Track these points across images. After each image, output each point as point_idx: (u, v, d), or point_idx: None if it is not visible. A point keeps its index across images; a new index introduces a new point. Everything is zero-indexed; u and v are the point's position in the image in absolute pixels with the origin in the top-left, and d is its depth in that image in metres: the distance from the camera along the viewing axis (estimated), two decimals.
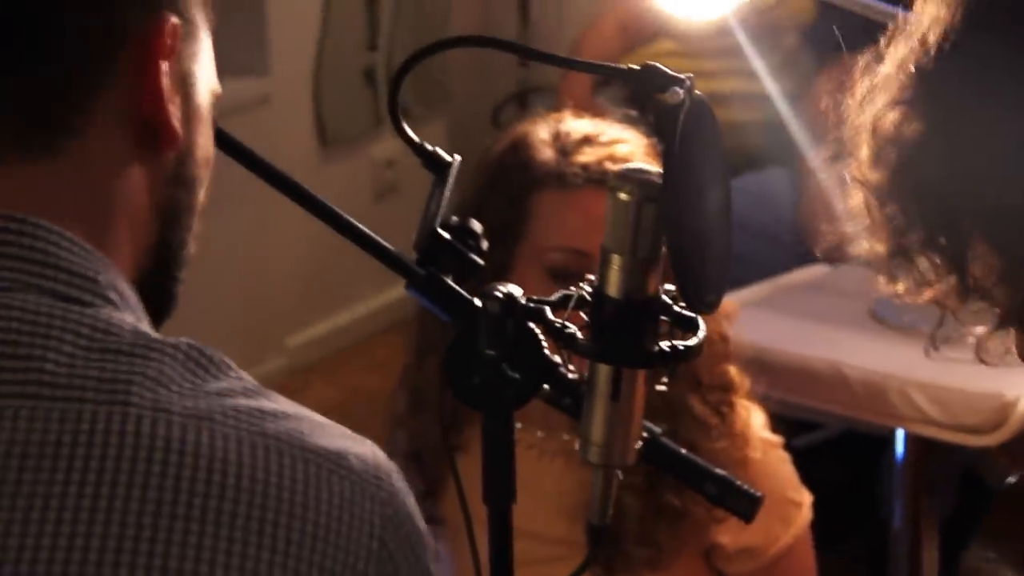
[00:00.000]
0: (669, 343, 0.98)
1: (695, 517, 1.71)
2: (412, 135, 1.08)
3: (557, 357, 1.04)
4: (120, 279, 0.83)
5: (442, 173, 1.09)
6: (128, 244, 0.85)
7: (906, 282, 1.03)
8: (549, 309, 1.01)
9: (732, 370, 1.76)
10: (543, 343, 1.03)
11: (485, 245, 1.08)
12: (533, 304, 1.01)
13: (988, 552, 0.94)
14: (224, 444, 0.76)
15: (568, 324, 0.99)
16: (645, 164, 0.98)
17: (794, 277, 2.85)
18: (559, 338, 1.00)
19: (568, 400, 1.05)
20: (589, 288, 0.99)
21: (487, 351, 1.02)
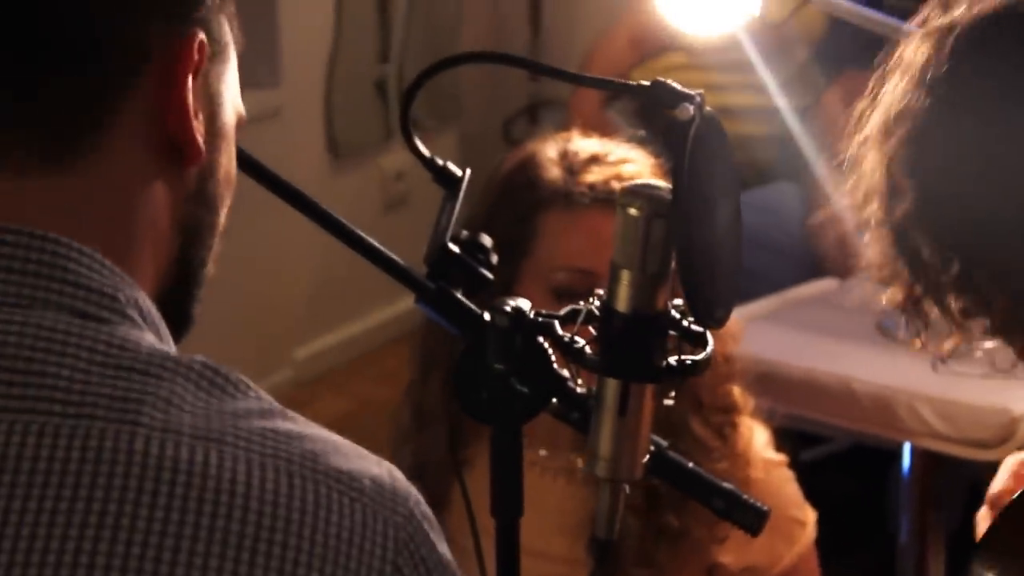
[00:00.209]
0: (677, 358, 0.98)
1: (695, 537, 1.70)
2: (423, 149, 1.08)
3: (565, 371, 1.04)
4: (142, 296, 0.83)
5: (453, 187, 1.09)
6: (150, 260, 0.85)
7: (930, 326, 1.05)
8: (558, 323, 1.01)
9: (736, 390, 1.75)
10: (552, 357, 1.03)
11: (495, 259, 1.09)
12: (542, 318, 1.01)
13: (989, 570, 0.94)
14: (233, 465, 0.75)
15: (577, 338, 1.00)
16: (654, 180, 0.98)
17: (802, 291, 2.85)
18: (568, 352, 1.00)
19: (576, 414, 1.05)
20: (598, 303, 0.99)
21: (496, 365, 1.02)
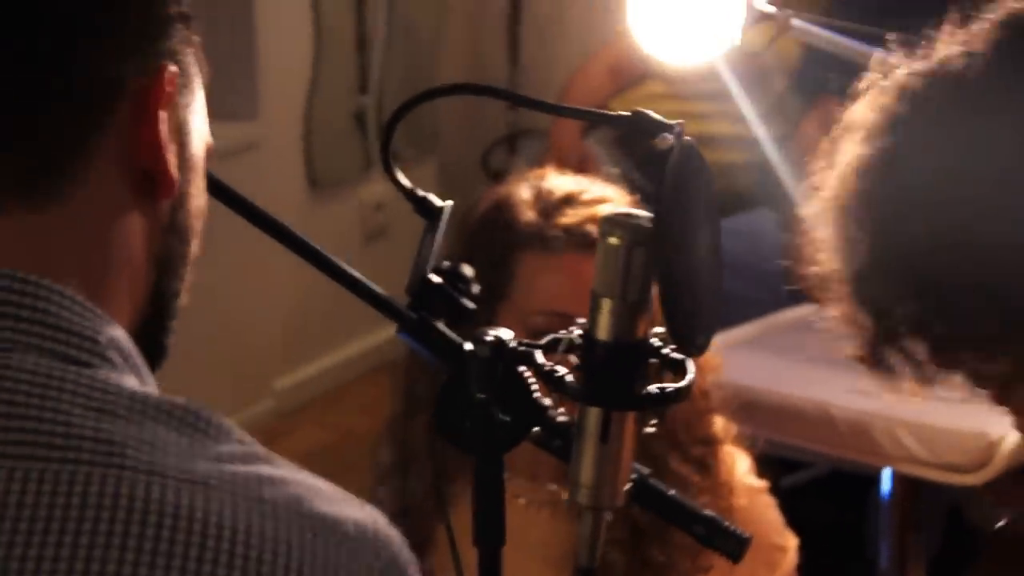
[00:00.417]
0: (658, 386, 0.99)
1: (680, 569, 1.70)
2: (404, 180, 1.09)
3: (547, 400, 1.05)
4: (120, 335, 0.83)
5: (434, 218, 1.10)
6: (126, 294, 0.85)
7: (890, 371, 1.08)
8: (539, 352, 1.02)
9: (718, 421, 1.76)
10: (533, 386, 1.04)
11: (476, 289, 1.09)
12: (523, 347, 1.02)
13: None
14: (219, 509, 0.75)
15: (558, 367, 1.00)
16: (634, 209, 0.99)
17: (782, 317, 2.86)
18: (549, 381, 1.00)
19: (557, 442, 1.05)
20: (579, 332, 1.00)
21: (478, 394, 1.03)
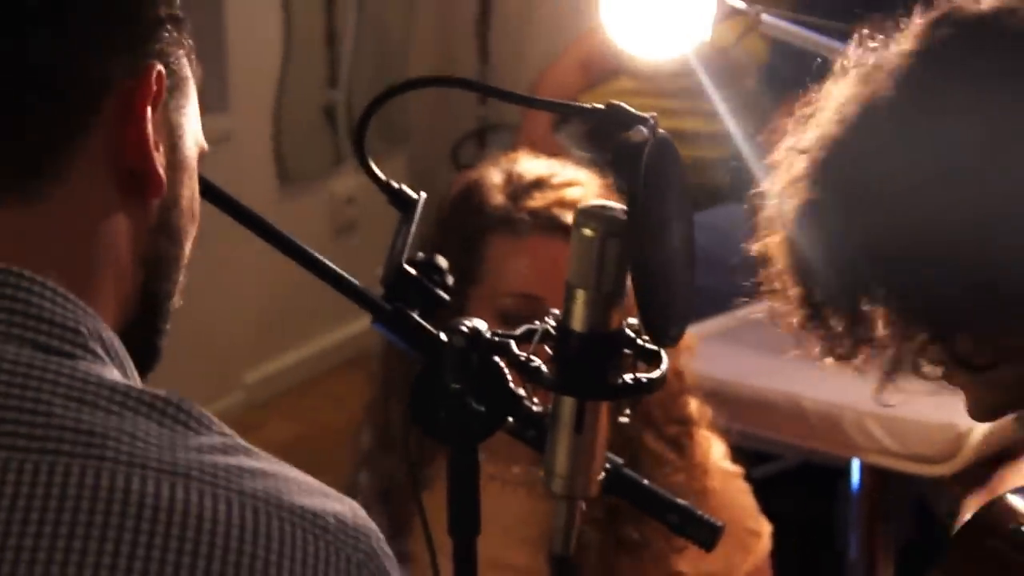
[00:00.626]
0: (632, 376, 1.00)
1: (655, 548, 1.72)
2: (379, 173, 1.09)
3: (521, 390, 1.06)
4: (104, 328, 0.83)
5: (408, 210, 1.11)
6: (111, 292, 0.85)
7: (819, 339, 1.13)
8: (514, 343, 1.03)
9: (692, 403, 1.78)
10: (508, 376, 1.05)
11: (451, 280, 1.10)
12: (498, 338, 1.03)
13: None
14: (199, 500, 0.75)
15: (533, 358, 1.01)
16: (608, 201, 1.00)
17: (752, 310, 2.87)
18: (524, 371, 1.01)
19: (532, 432, 1.06)
20: (553, 322, 1.01)
21: (452, 385, 1.03)
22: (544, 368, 1.00)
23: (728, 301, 2.88)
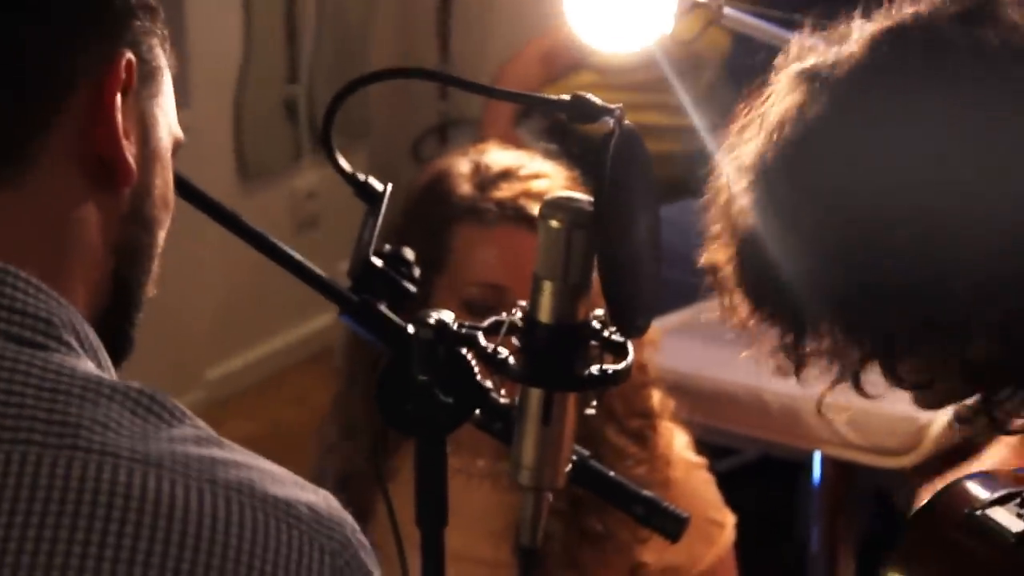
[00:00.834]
0: (599, 367, 1.00)
1: (619, 539, 1.73)
2: (345, 165, 1.10)
3: (488, 382, 1.06)
4: (78, 319, 0.83)
5: (374, 202, 1.11)
6: (80, 281, 0.85)
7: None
8: (481, 335, 1.03)
9: (655, 395, 1.78)
10: (475, 368, 1.05)
11: (417, 272, 1.10)
12: (465, 330, 1.03)
13: None
14: (171, 490, 0.75)
15: (500, 349, 1.02)
16: (575, 192, 1.01)
17: (714, 303, 2.88)
18: (491, 363, 1.01)
19: (499, 424, 1.07)
20: (520, 314, 1.01)
21: (419, 376, 1.04)
22: (511, 360, 1.01)
23: (689, 294, 2.90)
